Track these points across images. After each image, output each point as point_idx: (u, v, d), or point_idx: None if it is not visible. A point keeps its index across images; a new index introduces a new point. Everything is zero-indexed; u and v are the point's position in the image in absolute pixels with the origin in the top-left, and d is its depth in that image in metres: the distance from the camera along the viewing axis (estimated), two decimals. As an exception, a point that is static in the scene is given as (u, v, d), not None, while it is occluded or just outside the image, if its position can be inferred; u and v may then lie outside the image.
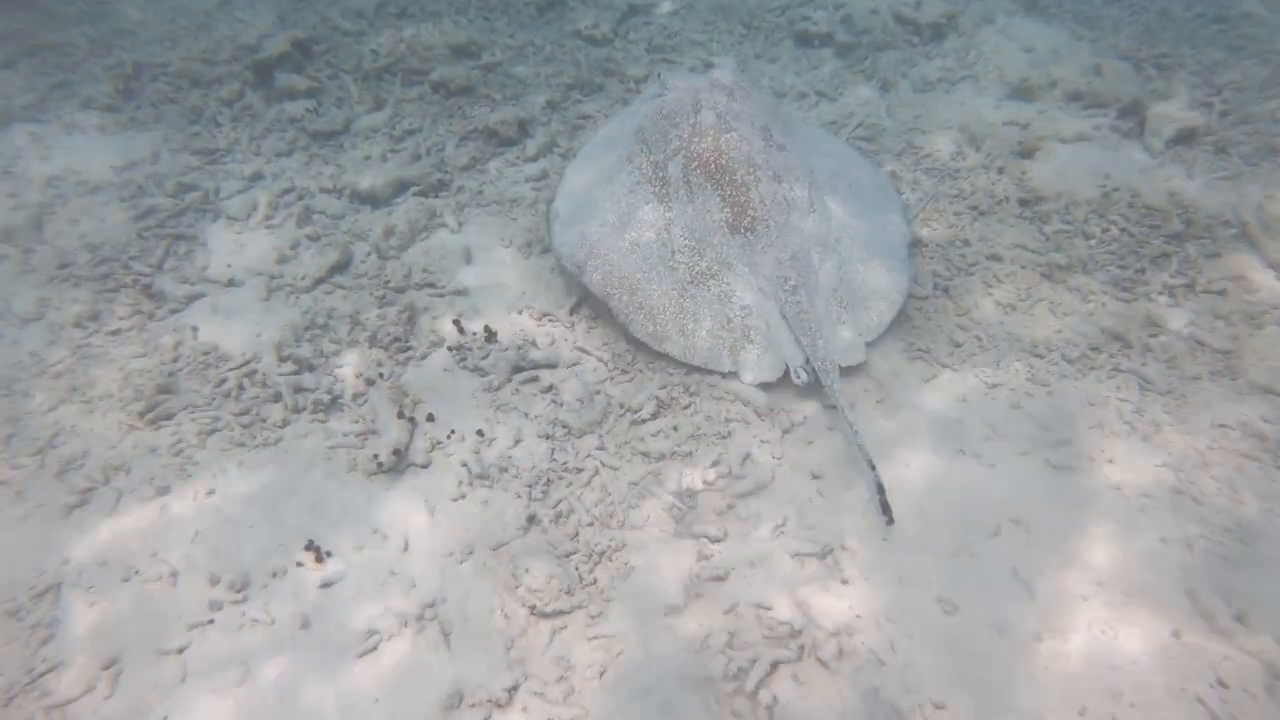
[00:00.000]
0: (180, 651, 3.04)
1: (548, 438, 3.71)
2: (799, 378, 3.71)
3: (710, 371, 3.87)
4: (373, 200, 5.07)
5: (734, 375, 3.84)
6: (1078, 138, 5.09)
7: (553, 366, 4.02)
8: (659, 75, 4.86)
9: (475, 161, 5.36)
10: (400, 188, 5.15)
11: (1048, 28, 6.25)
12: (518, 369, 4.03)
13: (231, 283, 4.56)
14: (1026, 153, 5.00)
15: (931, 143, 5.23)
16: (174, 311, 4.43)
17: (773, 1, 6.72)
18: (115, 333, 4.32)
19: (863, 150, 5.19)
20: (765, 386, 3.80)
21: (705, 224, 4.00)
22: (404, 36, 6.51)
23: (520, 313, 4.34)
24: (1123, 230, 4.47)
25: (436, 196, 5.12)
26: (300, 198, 5.18)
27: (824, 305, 3.89)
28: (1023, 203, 4.71)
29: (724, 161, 4.07)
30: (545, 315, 4.31)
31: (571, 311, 4.30)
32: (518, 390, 3.94)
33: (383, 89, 5.98)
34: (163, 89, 6.07)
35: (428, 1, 6.93)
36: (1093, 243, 4.43)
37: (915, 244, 4.45)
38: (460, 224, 4.90)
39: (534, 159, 5.36)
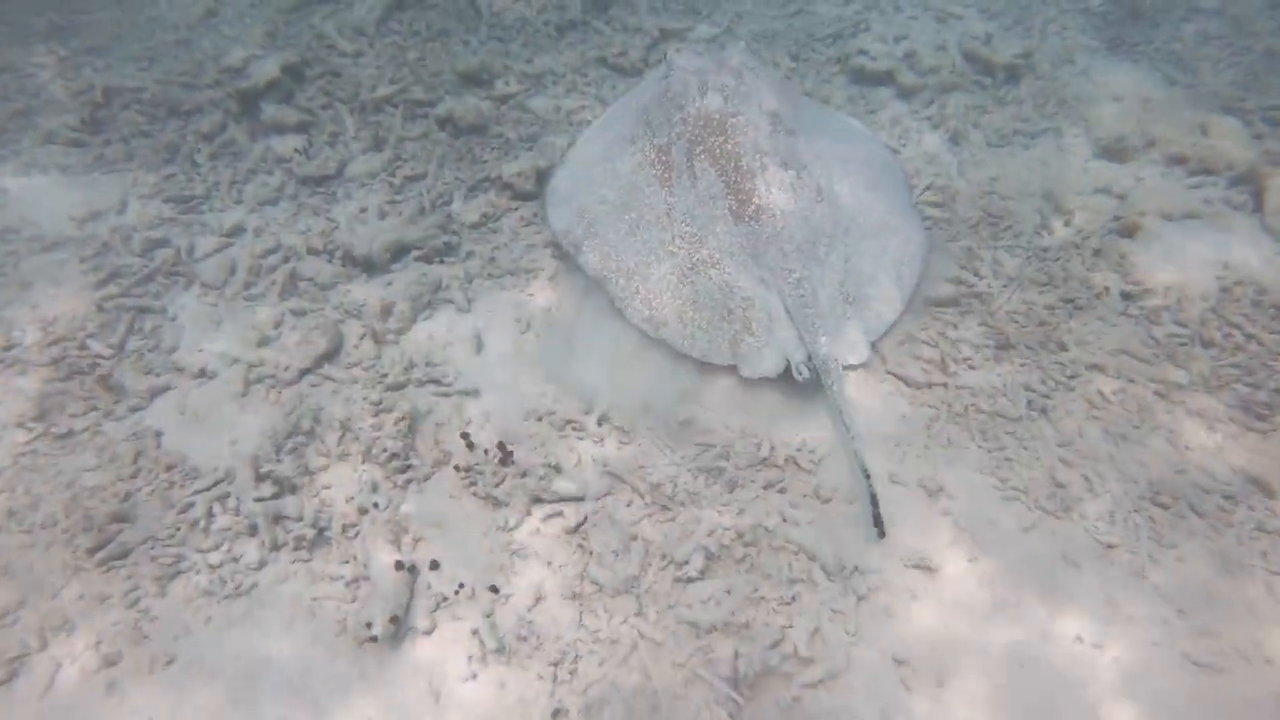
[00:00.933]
0: None
1: (575, 596, 3.15)
2: (800, 374, 3.62)
3: (712, 365, 3.79)
4: (368, 266, 4.47)
5: (733, 369, 3.75)
6: (1185, 214, 4.48)
7: (579, 499, 3.44)
8: (665, 55, 4.58)
9: (487, 219, 4.76)
10: (400, 251, 4.55)
11: (1136, 70, 5.62)
12: (538, 500, 3.46)
13: (203, 373, 3.99)
14: (1126, 231, 4.40)
15: (1012, 212, 4.63)
16: (135, 409, 3.86)
17: (823, 28, 6.08)
18: (65, 436, 3.74)
19: (884, 147, 4.94)
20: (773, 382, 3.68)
21: (708, 211, 3.93)
22: (408, 59, 5.89)
23: (540, 420, 3.76)
24: (1249, 336, 3.88)
25: (442, 262, 4.53)
26: (286, 259, 4.59)
27: (829, 300, 3.81)
28: (1126, 296, 4.12)
29: (729, 147, 4.00)
30: (570, 424, 3.74)
31: (601, 420, 3.72)
32: (538, 530, 3.38)
33: (382, 124, 5.37)
34: (135, 119, 5.45)
35: (435, 18, 6.27)
36: (1214, 353, 3.84)
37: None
38: (469, 300, 4.31)
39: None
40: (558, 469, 3.54)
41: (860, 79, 5.61)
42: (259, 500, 3.46)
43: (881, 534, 3.19)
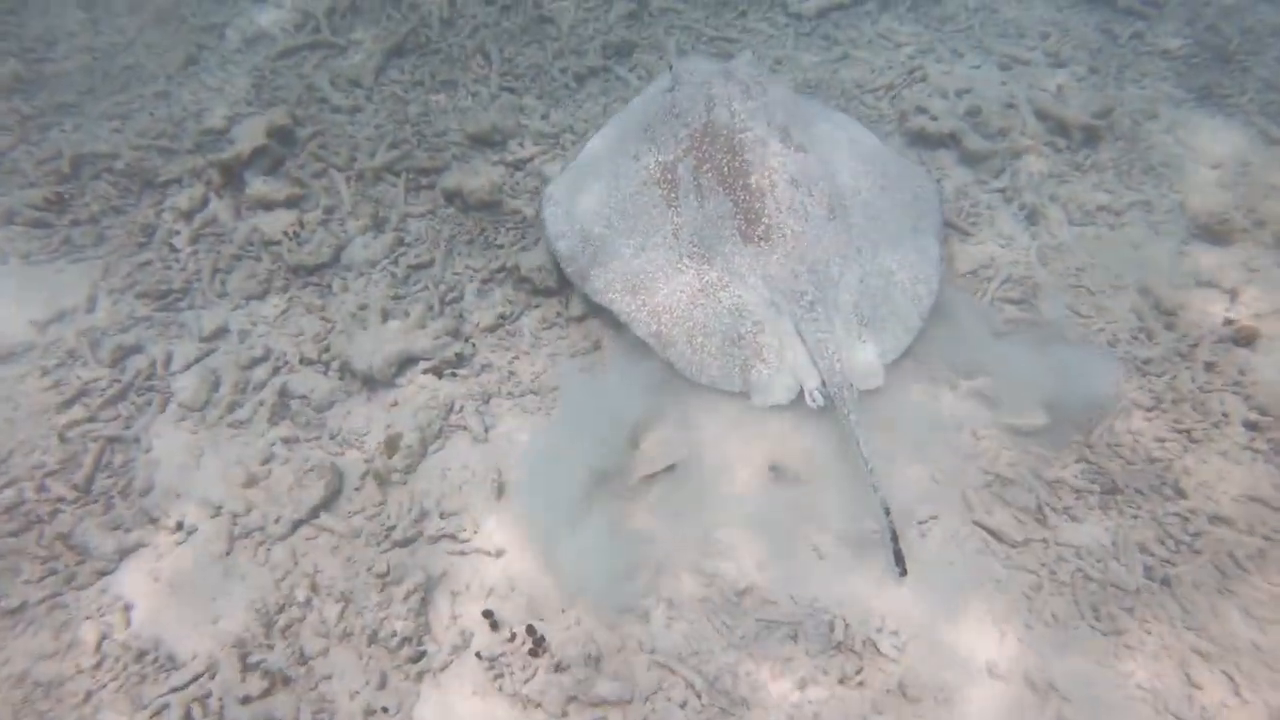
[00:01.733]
0: None
1: (624, 837, 2.66)
2: (814, 401, 3.55)
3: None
4: (370, 381, 3.96)
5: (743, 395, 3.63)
6: (1311, 318, 3.96)
7: (625, 702, 2.95)
8: (670, 66, 4.45)
9: (504, 320, 4.27)
10: (406, 363, 4.04)
11: (1229, 126, 5.08)
12: (573, 700, 2.97)
13: (181, 527, 3.49)
14: (1242, 338, 3.88)
15: (1104, 311, 4.11)
16: (102, 573, 3.37)
17: (873, 77, 5.54)
18: (16, 611, 3.26)
19: (886, 141, 4.84)
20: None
21: (716, 231, 3.85)
22: (409, 115, 5.37)
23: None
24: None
25: (454, 376, 4.02)
26: (275, 369, 4.10)
27: (843, 322, 3.72)
28: (1251, 426, 3.60)
29: (738, 164, 3.90)
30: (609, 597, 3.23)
31: (646, 591, 3.23)
32: (577, 743, 2.88)
33: (382, 199, 4.85)
34: (107, 193, 4.95)
35: (439, 66, 5.75)
36: (1365, 504, 3.32)
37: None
38: (487, 428, 3.81)
39: (580, 319, 4.23)
40: (598, 661, 3.04)
41: (920, 140, 5.06)
42: (246, 701, 2.98)
43: (903, 572, 3.11)
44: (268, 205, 4.85)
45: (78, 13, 6.37)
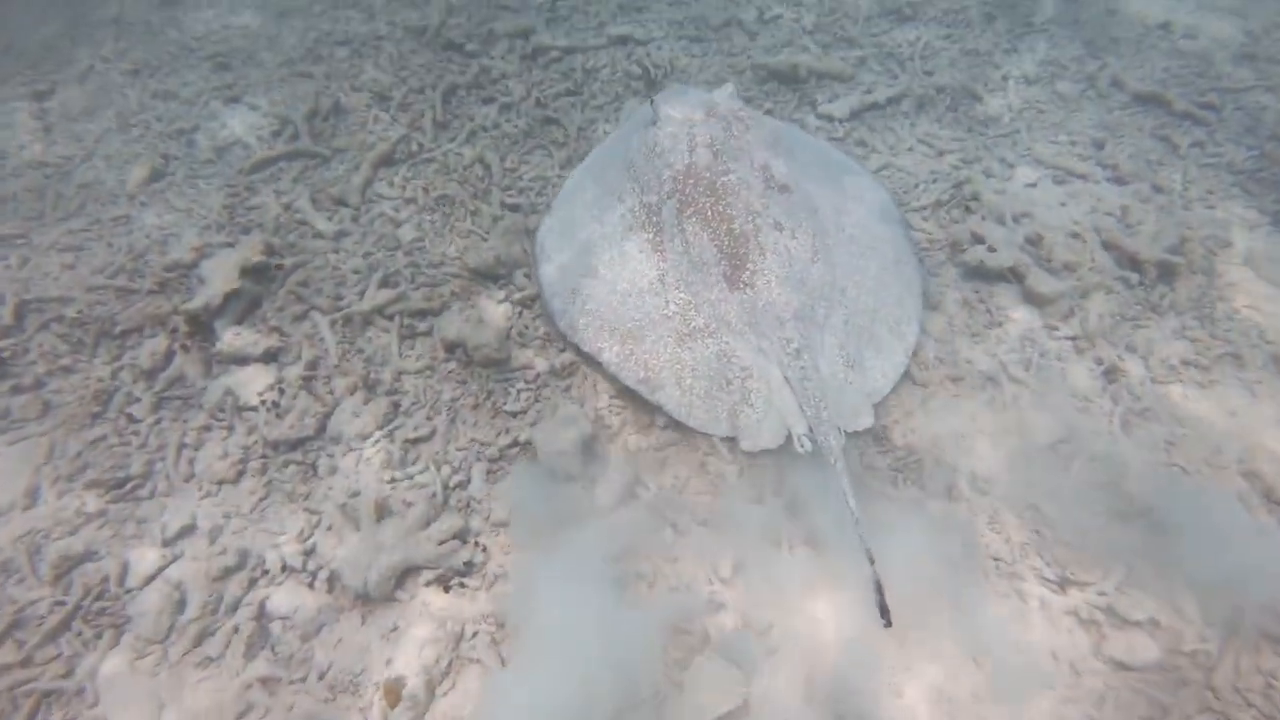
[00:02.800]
0: None
1: None
2: (802, 447, 3.57)
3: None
4: (365, 598, 3.44)
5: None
6: None
7: None
8: (651, 100, 4.42)
9: (519, 512, 3.73)
10: (406, 573, 3.53)
11: (1314, 256, 4.68)
12: None
13: (136, 820, 2.93)
14: (1372, 541, 3.42)
15: (1205, 502, 3.65)
16: None
17: (916, 192, 5.11)
18: None
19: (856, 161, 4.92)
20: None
21: (702, 278, 3.91)
22: (401, 240, 4.88)
23: None
24: None
25: (462, 587, 3.51)
26: (252, 582, 3.57)
27: (829, 366, 3.78)
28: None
29: (721, 208, 3.96)
30: None
31: None
32: None
33: (374, 353, 4.34)
34: (56, 347, 4.43)
35: (434, 177, 5.33)
36: None
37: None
38: (504, 659, 3.29)
39: (610, 507, 3.74)
40: None
41: (976, 274, 4.63)
42: None
43: (888, 624, 3.07)
44: (242, 360, 4.34)
45: (30, 120, 5.85)
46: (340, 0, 6.99)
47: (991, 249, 4.63)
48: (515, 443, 3.99)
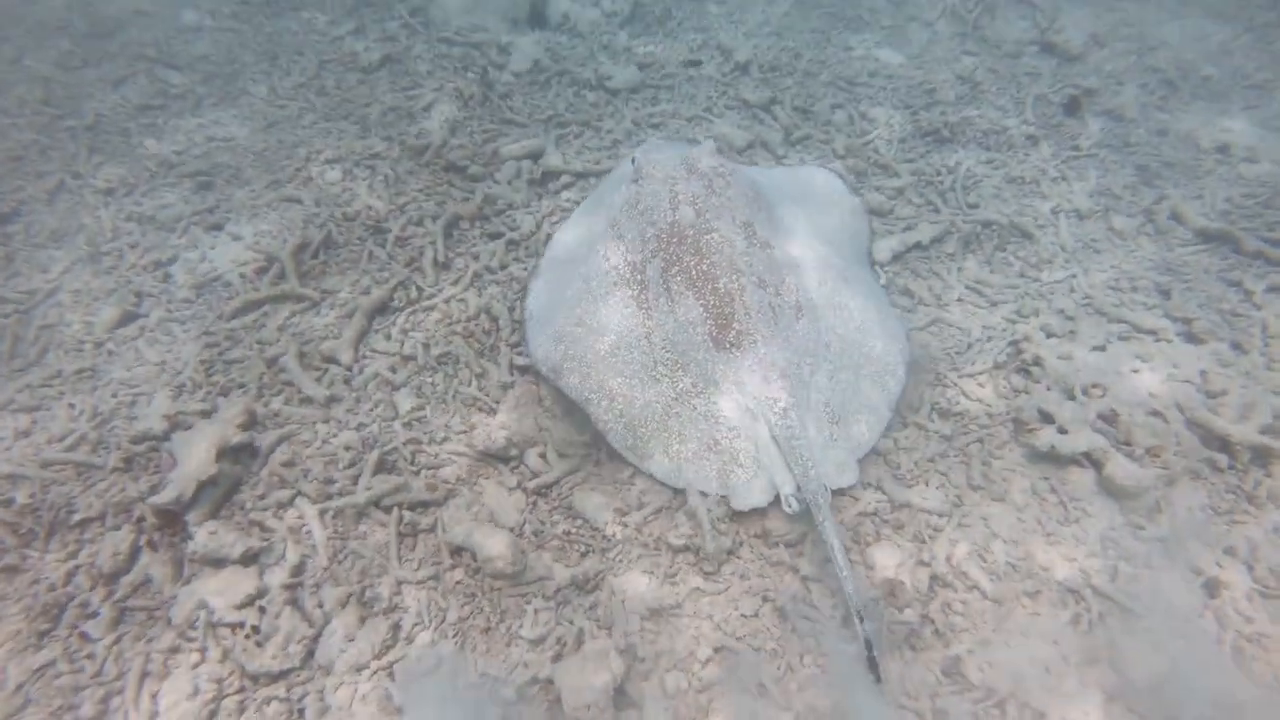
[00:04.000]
0: None
1: None
2: (790, 507, 3.72)
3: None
4: None
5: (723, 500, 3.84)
6: None
7: None
8: (633, 159, 4.63)
9: (539, 771, 3.27)
10: None
11: None
12: None
13: None
14: None
15: (1343, 760, 3.22)
16: None
17: (975, 355, 4.76)
18: None
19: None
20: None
21: (688, 337, 4.02)
22: (400, 410, 4.48)
23: None
24: None
25: None
26: None
27: (815, 424, 3.92)
28: None
29: (705, 267, 4.10)
30: None
31: None
32: None
33: (371, 557, 3.90)
34: (3, 539, 3.94)
35: (435, 330, 4.91)
36: None
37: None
38: None
39: (642, 768, 3.28)
40: None
41: (1046, 459, 4.24)
42: None
43: (878, 679, 3.25)
44: (217, 562, 3.88)
45: (-11, 248, 5.47)
46: (333, 111, 6.67)
47: (1062, 430, 4.26)
48: (534, 680, 3.52)
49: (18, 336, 5.00)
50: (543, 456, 4.32)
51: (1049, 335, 4.86)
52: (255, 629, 3.67)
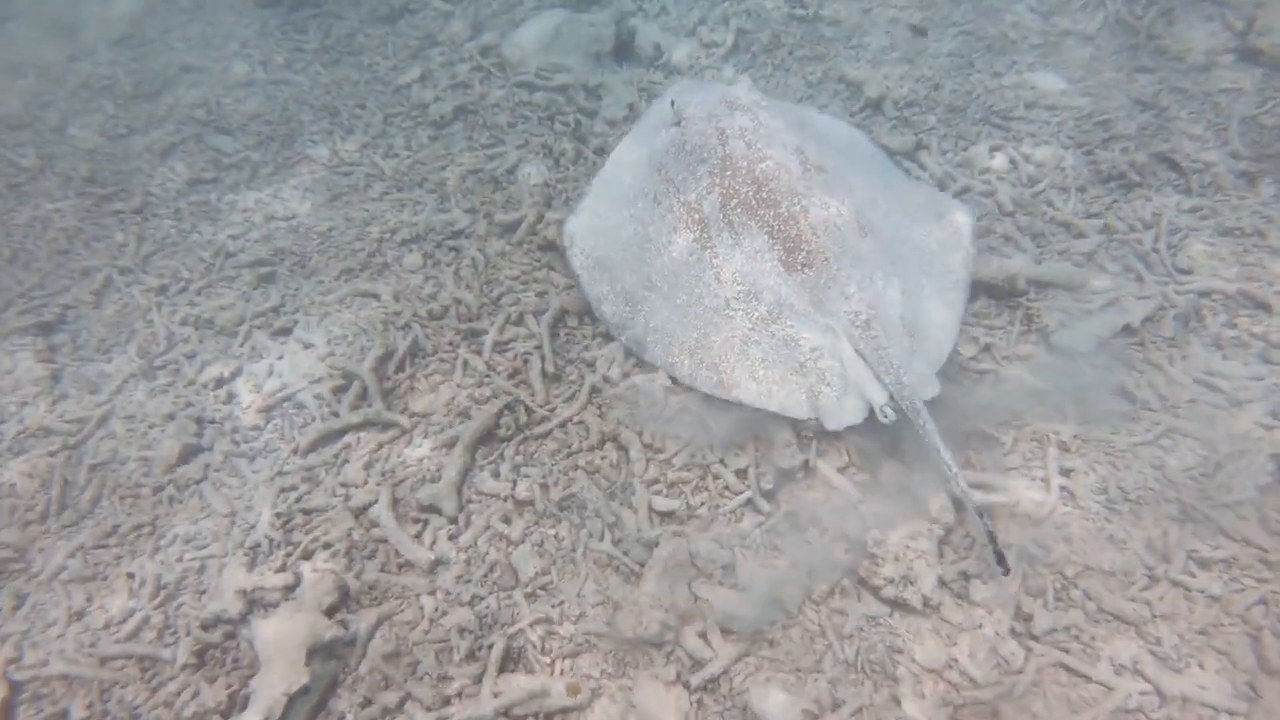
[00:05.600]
0: None
1: None
2: (885, 417, 3.79)
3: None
4: None
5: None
6: None
7: None
8: (673, 102, 4.72)
9: None
10: None
11: None
12: None
13: None
14: None
15: None
16: None
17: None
18: None
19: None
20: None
21: (757, 266, 4.11)
22: (521, 577, 3.79)
23: None
24: None
25: None
26: None
27: (896, 336, 3.97)
28: None
29: (765, 195, 4.19)
30: None
31: None
32: None
33: None
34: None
35: (554, 467, 4.18)
36: None
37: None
38: None
39: None
40: None
41: None
42: None
43: (1006, 571, 3.37)
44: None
45: (34, 364, 4.93)
46: (405, 176, 6.02)
47: None
48: None
49: (67, 481, 4.43)
50: (703, 636, 3.58)
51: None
52: None
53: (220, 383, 4.86)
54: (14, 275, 5.52)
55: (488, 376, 4.63)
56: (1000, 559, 3.36)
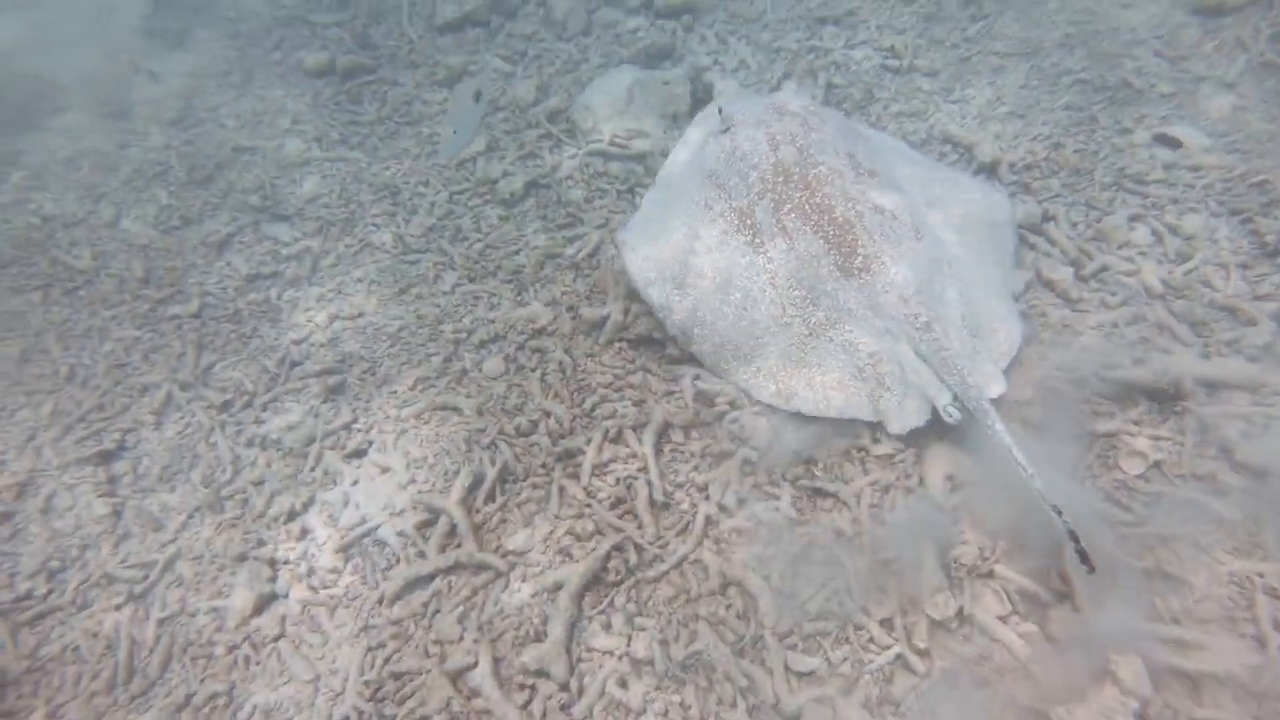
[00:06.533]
0: None
1: None
2: (950, 417, 3.89)
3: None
4: None
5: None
6: None
7: None
8: (720, 110, 4.86)
9: None
10: None
11: None
12: None
13: None
14: None
15: None
16: None
17: None
18: None
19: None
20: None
21: (813, 271, 4.22)
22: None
23: None
24: None
25: None
26: None
27: (958, 336, 4.08)
28: None
29: (818, 200, 4.30)
30: None
31: None
32: None
33: None
34: None
35: (675, 610, 3.76)
36: None
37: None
38: None
39: None
40: None
41: None
42: None
43: (1091, 569, 3.29)
44: None
45: (95, 499, 4.65)
46: (476, 264, 5.70)
47: None
48: None
49: (135, 640, 4.11)
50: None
51: None
52: None
53: (292, 515, 4.54)
54: (73, 396, 5.27)
55: (588, 506, 4.26)
56: (1084, 557, 3.29)
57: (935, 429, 4.10)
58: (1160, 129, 5.70)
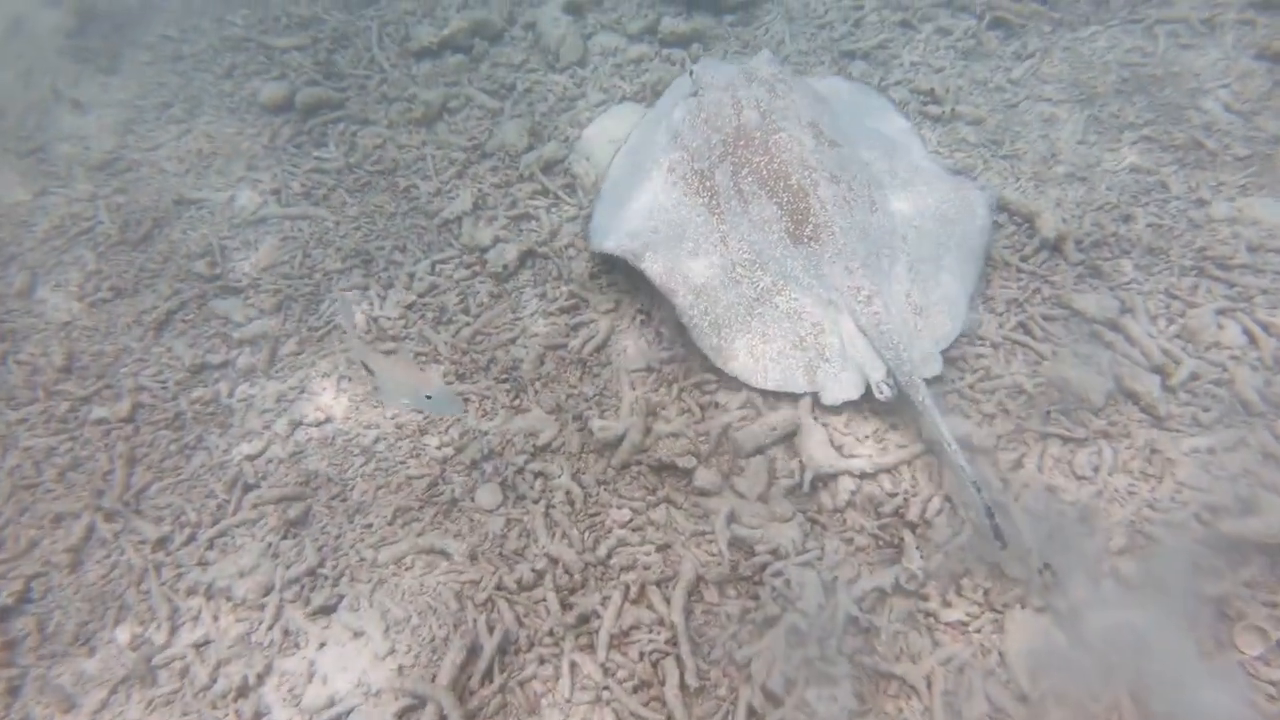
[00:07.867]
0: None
1: None
2: (882, 393, 4.03)
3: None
4: None
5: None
6: None
7: None
8: (690, 71, 5.11)
9: None
10: None
11: None
12: None
13: None
14: None
15: None
16: None
17: None
18: None
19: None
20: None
21: (764, 236, 4.41)
22: None
23: None
24: None
25: None
26: None
27: (899, 313, 4.23)
28: None
29: (775, 166, 4.50)
30: None
31: None
32: None
33: None
34: None
35: None
36: None
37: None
38: None
39: None
40: None
41: None
42: None
43: (1004, 545, 3.55)
44: None
45: None
46: (467, 358, 5.02)
47: None
48: None
49: None
50: None
51: None
52: None
53: (244, 691, 3.87)
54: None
55: (606, 689, 3.63)
56: (997, 533, 3.51)
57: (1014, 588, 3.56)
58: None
